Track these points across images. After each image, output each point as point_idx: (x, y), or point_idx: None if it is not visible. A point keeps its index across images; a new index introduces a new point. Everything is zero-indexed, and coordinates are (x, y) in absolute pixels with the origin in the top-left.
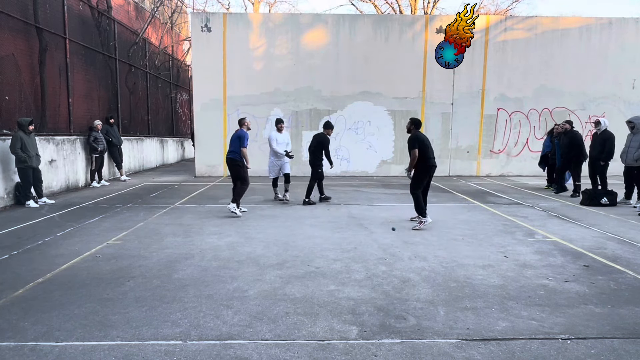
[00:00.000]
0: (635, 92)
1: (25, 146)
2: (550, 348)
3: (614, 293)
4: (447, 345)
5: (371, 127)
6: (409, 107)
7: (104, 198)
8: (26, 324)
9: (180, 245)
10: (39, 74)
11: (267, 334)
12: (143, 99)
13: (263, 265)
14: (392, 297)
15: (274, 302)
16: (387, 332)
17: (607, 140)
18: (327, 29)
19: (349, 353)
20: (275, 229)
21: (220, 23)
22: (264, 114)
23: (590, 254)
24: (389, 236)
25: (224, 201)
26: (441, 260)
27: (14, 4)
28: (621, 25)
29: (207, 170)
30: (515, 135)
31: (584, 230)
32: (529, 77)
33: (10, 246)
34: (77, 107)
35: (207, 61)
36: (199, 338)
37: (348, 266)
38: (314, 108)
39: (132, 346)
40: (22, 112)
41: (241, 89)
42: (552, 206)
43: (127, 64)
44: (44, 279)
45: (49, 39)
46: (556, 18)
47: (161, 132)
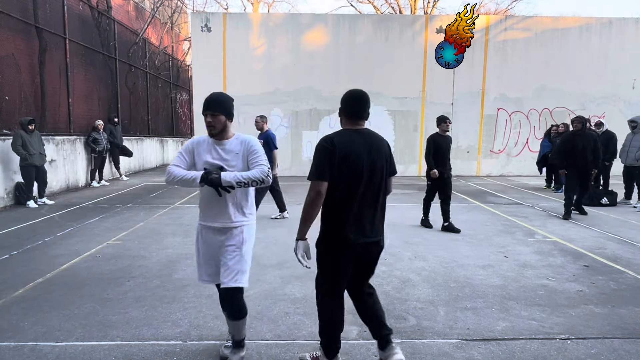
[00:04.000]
0: (635, 92)
1: (26, 144)
2: (550, 348)
3: (614, 293)
4: (447, 345)
5: (371, 127)
6: (409, 107)
7: (103, 198)
8: (26, 324)
9: (180, 245)
10: (39, 74)
11: (267, 334)
12: (143, 99)
13: (263, 265)
14: (392, 297)
15: (274, 302)
16: None
17: (610, 141)
18: (327, 29)
19: (349, 353)
20: (275, 229)
21: (220, 23)
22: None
23: (591, 254)
24: (389, 236)
25: None
26: (441, 260)
27: (14, 4)
28: (621, 25)
29: None
30: (515, 135)
31: (584, 230)
32: (529, 77)
33: (10, 246)
34: (77, 107)
35: (207, 61)
36: (199, 338)
37: None
38: (314, 108)
39: (132, 346)
40: (22, 112)
41: (241, 89)
42: (552, 206)
43: (127, 64)
44: (44, 279)
45: (49, 39)
46: (556, 18)
47: (161, 132)
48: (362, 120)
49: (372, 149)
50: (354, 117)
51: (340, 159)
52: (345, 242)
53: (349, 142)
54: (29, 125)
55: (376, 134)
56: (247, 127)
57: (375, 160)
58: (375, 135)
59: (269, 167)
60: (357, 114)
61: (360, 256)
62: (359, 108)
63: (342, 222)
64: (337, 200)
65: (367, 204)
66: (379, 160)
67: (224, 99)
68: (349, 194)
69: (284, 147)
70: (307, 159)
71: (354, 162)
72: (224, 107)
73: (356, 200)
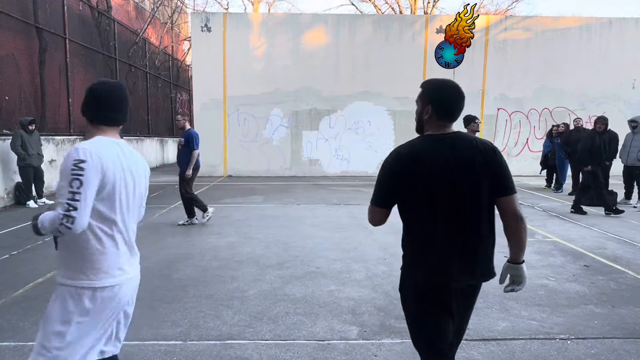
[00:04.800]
0: (635, 92)
1: (25, 144)
2: (550, 348)
3: (614, 293)
4: None
5: (371, 127)
6: (409, 107)
7: None
8: (26, 324)
9: (180, 245)
10: (39, 74)
11: (267, 334)
12: (143, 99)
13: (263, 265)
14: (392, 297)
15: (274, 302)
16: (387, 332)
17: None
18: (327, 28)
19: (349, 353)
20: (275, 229)
21: (220, 23)
22: (264, 114)
23: (591, 254)
24: (389, 236)
25: (224, 201)
26: None
27: (14, 4)
28: (621, 25)
29: (207, 170)
30: (516, 135)
31: (584, 230)
32: (529, 77)
33: (10, 246)
34: (77, 107)
35: (207, 61)
36: (199, 338)
37: (348, 266)
38: (314, 108)
39: (132, 346)
40: (22, 112)
41: (241, 89)
42: (552, 206)
43: (127, 64)
44: (44, 279)
45: (49, 39)
46: (556, 18)
47: (161, 132)
48: (452, 122)
49: (456, 158)
50: (447, 116)
51: (410, 176)
52: (431, 285)
53: (421, 153)
54: (29, 126)
55: (471, 138)
56: (247, 128)
57: (460, 174)
58: (468, 140)
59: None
60: (452, 112)
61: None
62: (455, 105)
63: (423, 257)
64: (416, 228)
65: (456, 233)
66: (468, 173)
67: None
68: (428, 221)
69: (284, 147)
70: (306, 159)
71: (429, 182)
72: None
73: (438, 228)
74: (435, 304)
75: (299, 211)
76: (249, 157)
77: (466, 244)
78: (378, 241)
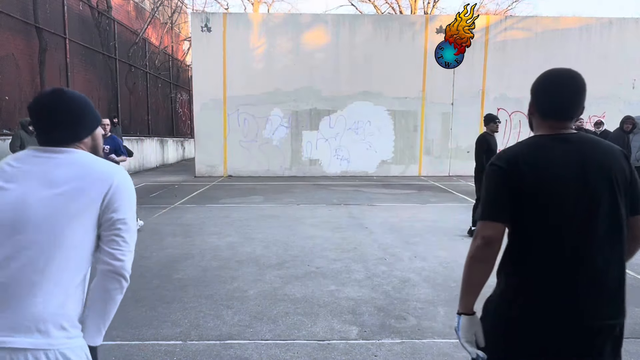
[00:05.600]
0: (635, 92)
1: (25, 145)
2: None
3: None
4: (447, 345)
5: (371, 127)
6: (409, 107)
7: None
8: None
9: (180, 245)
10: (39, 74)
11: (267, 334)
12: (143, 99)
13: (263, 265)
14: (392, 297)
15: (274, 302)
16: (387, 332)
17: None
18: (327, 29)
19: (349, 353)
20: (275, 229)
21: (220, 23)
22: (264, 114)
23: None
24: (389, 236)
25: (224, 201)
26: (441, 260)
27: (14, 4)
28: (621, 25)
29: (207, 170)
30: (516, 135)
31: None
32: (529, 77)
33: None
34: None
35: (207, 61)
36: (199, 338)
37: (348, 266)
38: (314, 108)
39: (132, 346)
40: (22, 112)
41: (241, 89)
42: None
43: (127, 64)
44: None
45: (49, 39)
46: (556, 18)
47: (161, 132)
48: (569, 120)
49: (588, 165)
50: (554, 114)
51: (528, 185)
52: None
53: (542, 156)
54: (29, 126)
55: (599, 142)
56: (247, 128)
57: (595, 184)
58: (596, 143)
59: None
60: (559, 110)
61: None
62: (563, 99)
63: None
64: (528, 255)
65: (586, 260)
66: (602, 183)
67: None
68: (550, 244)
69: (284, 147)
70: (306, 159)
71: (554, 191)
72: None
73: (563, 254)
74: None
75: (299, 211)
76: (249, 157)
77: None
78: (378, 241)
